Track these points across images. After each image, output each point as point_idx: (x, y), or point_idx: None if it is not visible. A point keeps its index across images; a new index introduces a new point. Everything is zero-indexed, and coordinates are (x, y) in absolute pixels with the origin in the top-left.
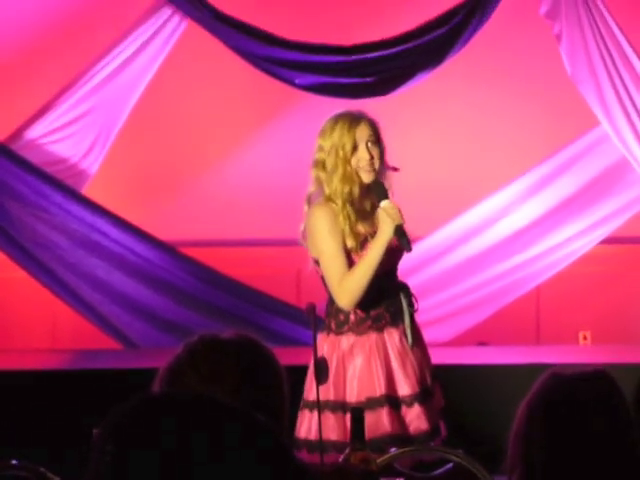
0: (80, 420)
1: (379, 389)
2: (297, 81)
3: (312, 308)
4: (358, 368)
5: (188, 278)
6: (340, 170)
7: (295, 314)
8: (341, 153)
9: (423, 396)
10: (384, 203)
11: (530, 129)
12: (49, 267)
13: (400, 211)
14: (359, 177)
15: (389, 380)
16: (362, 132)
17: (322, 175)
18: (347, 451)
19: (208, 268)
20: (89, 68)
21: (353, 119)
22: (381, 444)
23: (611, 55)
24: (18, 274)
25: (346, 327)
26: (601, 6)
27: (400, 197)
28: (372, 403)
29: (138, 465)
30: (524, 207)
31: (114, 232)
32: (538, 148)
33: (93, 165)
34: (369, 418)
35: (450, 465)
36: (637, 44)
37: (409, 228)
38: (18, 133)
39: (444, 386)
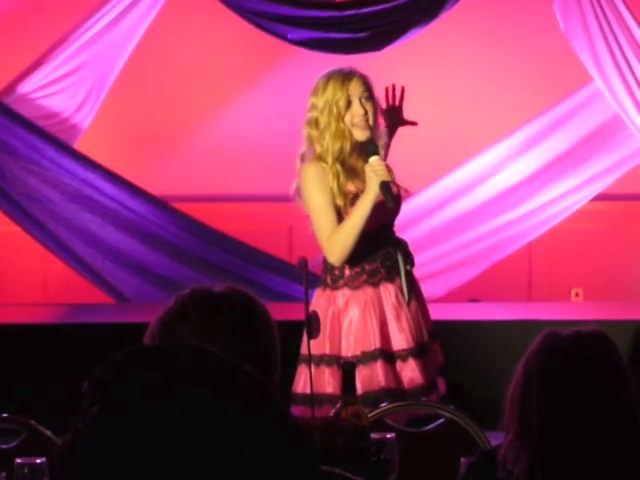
0: (73, 374)
1: (374, 343)
2: (289, 36)
3: (304, 263)
4: (354, 322)
5: (181, 233)
6: (333, 127)
7: (287, 270)
8: (335, 110)
9: (419, 351)
10: (372, 159)
11: (523, 86)
12: (41, 221)
13: (389, 168)
14: (351, 134)
15: (384, 334)
16: (355, 88)
17: (314, 133)
18: (338, 405)
19: (201, 223)
20: (82, 23)
21: (346, 75)
22: (375, 398)
23: (604, 11)
24: (10, 228)
25: (341, 282)
26: None
27: (393, 153)
28: (366, 357)
29: (125, 419)
30: (517, 164)
31: (107, 187)
32: (531, 105)
33: (86, 119)
34: (364, 372)
35: (442, 420)
36: (630, 0)
37: (402, 184)
38: (10, 87)
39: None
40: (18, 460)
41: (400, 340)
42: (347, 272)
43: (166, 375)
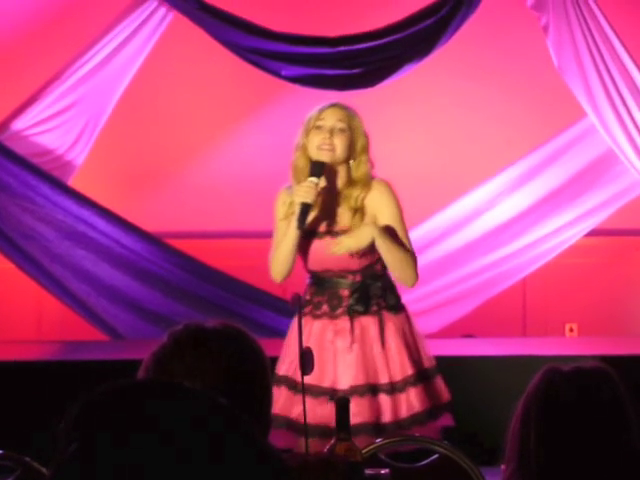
0: (65, 411)
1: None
2: (283, 72)
3: (297, 298)
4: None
5: (174, 270)
6: (299, 142)
7: (281, 306)
8: (304, 128)
9: (362, 391)
10: (308, 179)
11: (517, 121)
12: (35, 258)
13: (313, 190)
14: (307, 152)
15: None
16: (329, 115)
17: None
18: (332, 441)
19: (194, 259)
20: (76, 60)
21: (330, 103)
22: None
23: (598, 47)
24: (4, 265)
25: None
26: None
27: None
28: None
29: (104, 455)
30: (511, 199)
31: (100, 223)
32: (525, 140)
33: (79, 156)
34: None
35: (435, 456)
36: (624, 36)
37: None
38: (4, 124)
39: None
40: None
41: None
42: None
43: (134, 419)
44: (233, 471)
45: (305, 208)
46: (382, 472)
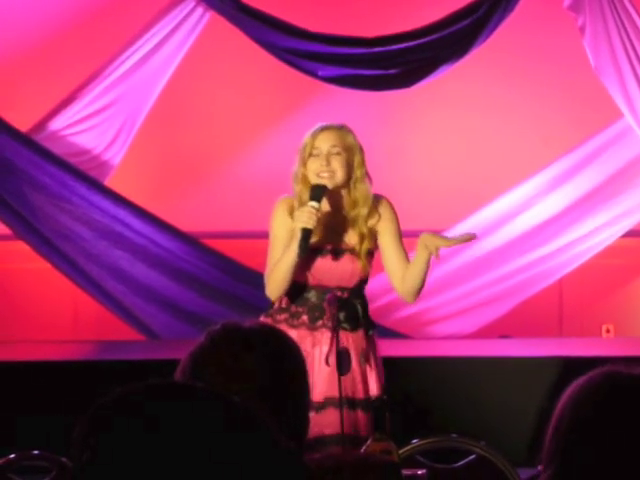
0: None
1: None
2: (320, 73)
3: (333, 299)
4: None
5: (210, 269)
6: (298, 172)
7: None
8: (300, 156)
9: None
10: (308, 204)
11: (553, 122)
12: (71, 258)
13: (314, 215)
14: (308, 180)
15: None
16: (322, 141)
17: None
18: (368, 442)
19: (230, 259)
20: (113, 59)
21: (320, 128)
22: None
23: (634, 47)
24: (41, 265)
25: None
26: None
27: (425, 189)
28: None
29: (118, 461)
30: (547, 200)
31: (137, 223)
32: (561, 141)
33: (116, 156)
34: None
35: (472, 457)
36: None
37: (430, 222)
38: (42, 124)
39: (467, 378)
40: None
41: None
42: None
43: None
44: (249, 473)
45: (307, 234)
46: (419, 472)
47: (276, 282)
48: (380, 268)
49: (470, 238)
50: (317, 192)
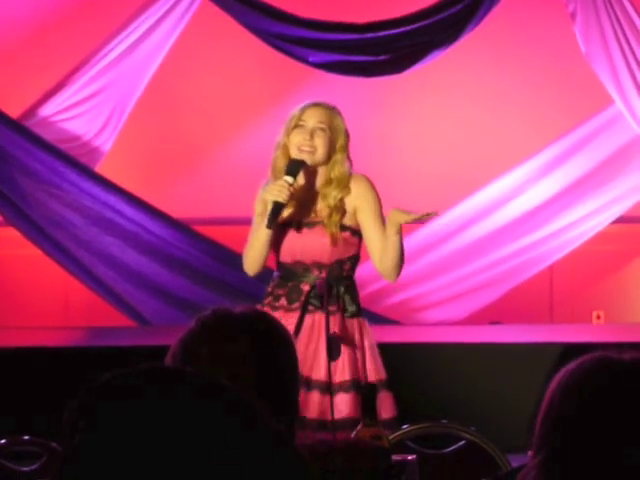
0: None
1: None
2: (310, 59)
3: (324, 284)
4: None
5: (201, 256)
6: (280, 141)
7: None
8: (286, 127)
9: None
10: (283, 178)
11: (543, 108)
12: (62, 244)
13: (286, 190)
14: (288, 152)
15: None
16: (310, 116)
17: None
18: (359, 427)
19: (221, 246)
20: (103, 45)
21: (312, 102)
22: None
23: (625, 34)
24: (31, 251)
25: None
26: None
27: (416, 175)
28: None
29: (107, 446)
30: (538, 186)
31: (128, 210)
32: (552, 127)
33: (107, 143)
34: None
35: (462, 442)
36: None
37: (421, 208)
38: (32, 110)
39: (458, 364)
40: None
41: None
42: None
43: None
44: (239, 457)
45: (277, 207)
46: (409, 458)
47: (249, 257)
48: (362, 255)
49: (431, 215)
50: (294, 167)
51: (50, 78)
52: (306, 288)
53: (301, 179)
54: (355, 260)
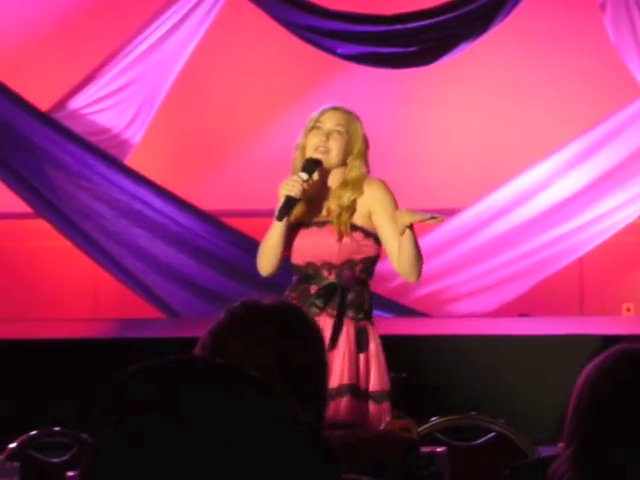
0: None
1: None
2: (339, 51)
3: (351, 275)
4: None
5: (230, 248)
6: (300, 141)
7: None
8: (304, 129)
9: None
10: (298, 174)
11: (573, 100)
12: (92, 236)
13: (299, 185)
14: (304, 151)
15: None
16: (328, 119)
17: None
18: (388, 419)
19: (249, 238)
20: (132, 38)
21: (331, 106)
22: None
23: None
24: (61, 243)
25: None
26: None
27: (445, 168)
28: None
29: (139, 434)
30: (567, 178)
31: (156, 202)
32: (581, 119)
33: (136, 135)
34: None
35: (492, 434)
36: None
37: (450, 201)
38: (62, 103)
39: (487, 356)
40: (69, 473)
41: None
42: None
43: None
44: (265, 446)
45: (288, 201)
46: (438, 450)
47: (261, 255)
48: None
49: (438, 220)
50: (309, 165)
51: (80, 71)
52: (313, 290)
53: (317, 180)
54: (369, 263)
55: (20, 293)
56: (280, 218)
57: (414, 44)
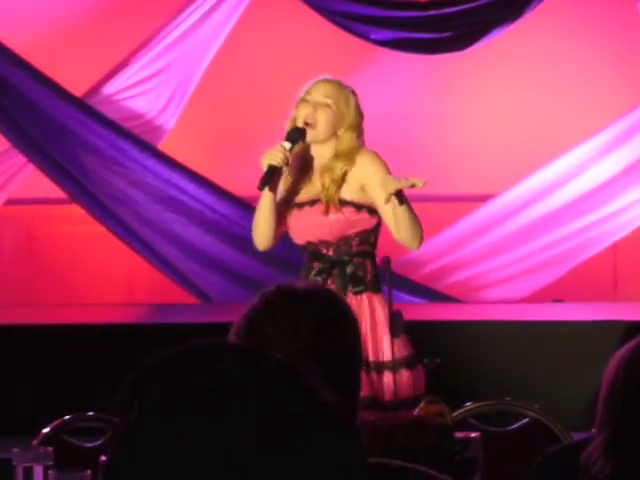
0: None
1: None
2: (372, 36)
3: (386, 262)
4: None
5: None
6: (291, 114)
7: None
8: (296, 101)
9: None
10: (280, 144)
11: (608, 84)
12: (126, 222)
13: (281, 154)
14: (295, 122)
15: None
16: (315, 91)
17: None
18: (422, 404)
19: None
20: (166, 24)
21: (321, 78)
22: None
23: None
24: (95, 228)
25: None
26: None
27: (477, 153)
28: None
29: (161, 425)
30: (601, 163)
31: (190, 187)
32: (616, 104)
33: (170, 120)
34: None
35: (526, 420)
36: None
37: (482, 186)
38: (96, 88)
39: (521, 342)
40: (103, 458)
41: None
42: None
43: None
44: (295, 432)
45: (270, 171)
46: (472, 435)
47: (254, 228)
48: (425, 233)
49: (418, 184)
50: (293, 134)
51: (114, 56)
52: (315, 266)
53: (310, 158)
54: (366, 235)
55: (54, 278)
56: (262, 188)
57: (448, 29)
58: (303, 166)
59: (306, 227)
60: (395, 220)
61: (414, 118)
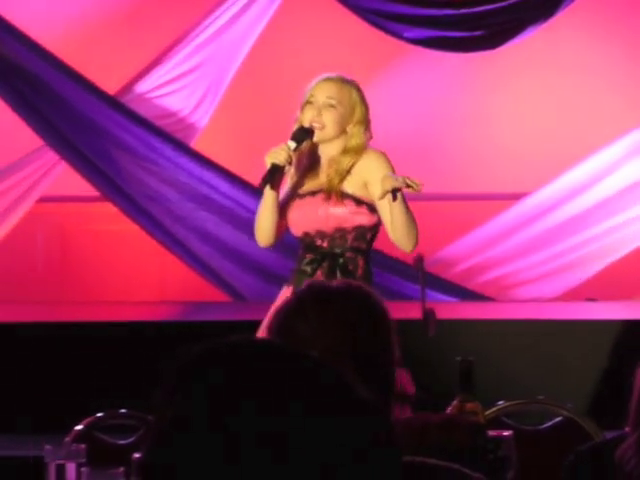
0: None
1: None
2: (405, 34)
3: (420, 260)
4: None
5: None
6: (298, 116)
7: (402, 268)
8: (301, 104)
9: None
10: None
11: (638, 85)
12: (158, 220)
13: (285, 153)
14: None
15: None
16: (319, 91)
17: None
18: (455, 402)
19: None
20: (199, 22)
21: (324, 77)
22: None
23: None
24: (127, 226)
25: None
26: None
27: (511, 151)
28: None
29: (201, 421)
30: (633, 162)
31: (223, 185)
32: None
33: (203, 118)
34: None
35: (559, 419)
36: None
37: (517, 185)
38: (128, 86)
39: (553, 341)
40: (136, 455)
41: None
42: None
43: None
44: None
45: (273, 169)
46: (505, 434)
47: (256, 225)
48: (456, 232)
49: (414, 186)
50: (299, 134)
51: (147, 54)
52: (307, 257)
53: (317, 152)
54: (363, 231)
55: (87, 276)
56: (263, 185)
57: (480, 28)
58: (311, 163)
59: (305, 216)
60: (391, 220)
61: (447, 118)
